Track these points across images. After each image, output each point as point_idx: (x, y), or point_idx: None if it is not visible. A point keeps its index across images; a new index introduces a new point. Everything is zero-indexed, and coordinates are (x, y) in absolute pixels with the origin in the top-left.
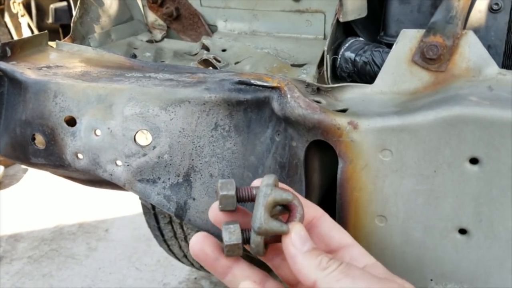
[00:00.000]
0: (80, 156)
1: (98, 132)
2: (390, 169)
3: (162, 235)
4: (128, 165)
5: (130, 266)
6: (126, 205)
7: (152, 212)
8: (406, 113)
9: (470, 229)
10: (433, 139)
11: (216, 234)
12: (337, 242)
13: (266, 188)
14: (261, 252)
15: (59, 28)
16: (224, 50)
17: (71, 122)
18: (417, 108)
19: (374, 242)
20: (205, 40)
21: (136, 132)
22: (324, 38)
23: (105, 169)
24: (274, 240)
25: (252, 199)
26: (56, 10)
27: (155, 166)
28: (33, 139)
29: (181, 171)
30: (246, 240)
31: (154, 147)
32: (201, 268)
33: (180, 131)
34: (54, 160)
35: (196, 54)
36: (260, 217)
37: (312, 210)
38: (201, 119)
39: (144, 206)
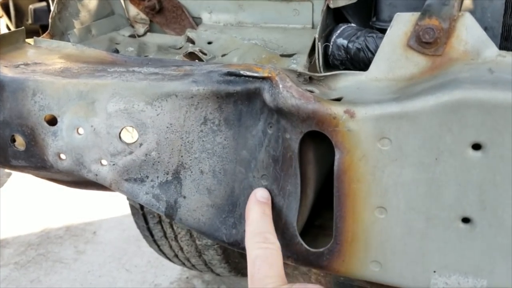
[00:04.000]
0: (62, 156)
1: (81, 130)
2: (389, 158)
3: (152, 236)
4: (113, 164)
5: (120, 268)
6: (114, 206)
7: (140, 213)
8: (404, 99)
9: (474, 218)
10: (433, 125)
11: (209, 233)
12: None
13: None
14: None
15: (39, 28)
16: (210, 43)
17: (52, 121)
18: (416, 94)
19: (374, 235)
20: (190, 33)
21: (121, 129)
22: (313, 27)
23: (89, 169)
24: None
25: None
26: (35, 10)
27: (142, 164)
28: (13, 140)
29: (170, 168)
30: None
31: (141, 144)
32: (193, 267)
33: (167, 127)
34: (35, 161)
35: (181, 47)
36: None
37: None
38: (189, 113)
39: (132, 206)
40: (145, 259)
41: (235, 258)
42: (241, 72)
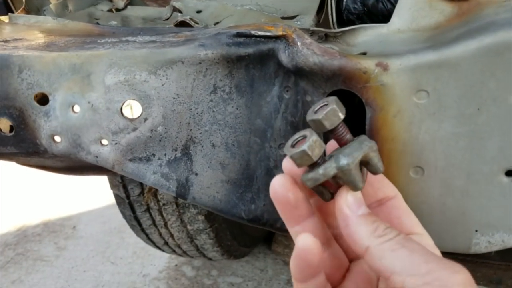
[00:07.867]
0: (57, 138)
1: (77, 108)
2: (426, 112)
3: (140, 224)
4: (116, 144)
5: (105, 262)
6: (92, 198)
7: (126, 201)
8: (441, 46)
9: None
10: (476, 72)
11: (226, 211)
12: (407, 229)
13: (373, 144)
14: (313, 184)
15: None
16: (199, 12)
17: (43, 99)
18: (452, 40)
19: (409, 197)
20: (176, 3)
21: (123, 104)
22: None
23: (88, 151)
24: (318, 191)
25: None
26: None
27: (148, 141)
28: None
29: (179, 144)
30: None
31: (146, 119)
32: (184, 253)
33: (174, 98)
34: (26, 147)
35: (167, 19)
36: (353, 157)
37: (386, 189)
38: (197, 81)
39: (117, 195)
40: (130, 250)
41: (227, 241)
42: (253, 32)
